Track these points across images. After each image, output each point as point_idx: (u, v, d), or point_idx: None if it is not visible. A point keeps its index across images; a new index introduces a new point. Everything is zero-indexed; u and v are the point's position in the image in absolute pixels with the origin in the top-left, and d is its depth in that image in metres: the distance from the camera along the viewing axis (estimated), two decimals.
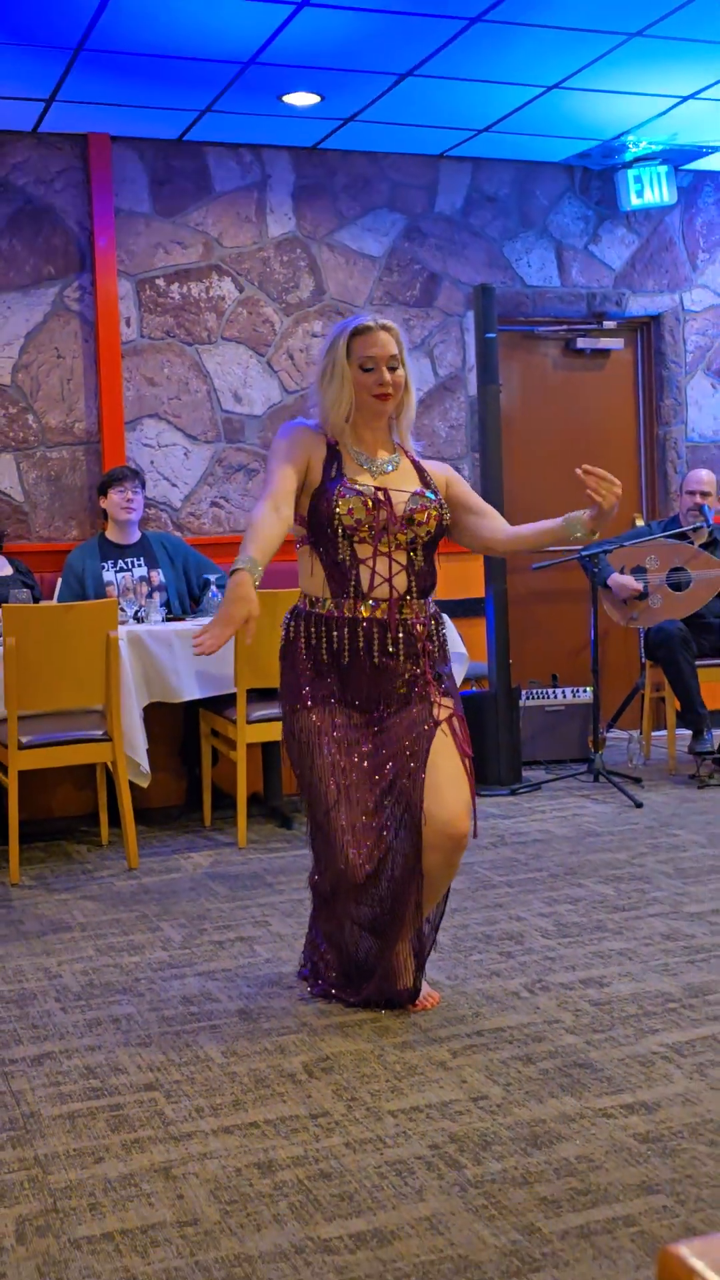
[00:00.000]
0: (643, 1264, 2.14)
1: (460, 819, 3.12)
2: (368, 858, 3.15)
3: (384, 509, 3.16)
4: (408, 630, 3.20)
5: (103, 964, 3.78)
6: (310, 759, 3.22)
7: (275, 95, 5.80)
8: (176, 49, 5.24)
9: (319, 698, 3.23)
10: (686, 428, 7.39)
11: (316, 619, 3.23)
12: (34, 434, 6.14)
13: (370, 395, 3.20)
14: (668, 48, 5.46)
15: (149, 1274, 2.16)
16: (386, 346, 3.19)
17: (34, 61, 5.28)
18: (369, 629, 3.18)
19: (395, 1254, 2.19)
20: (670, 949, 3.71)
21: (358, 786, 3.17)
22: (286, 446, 3.22)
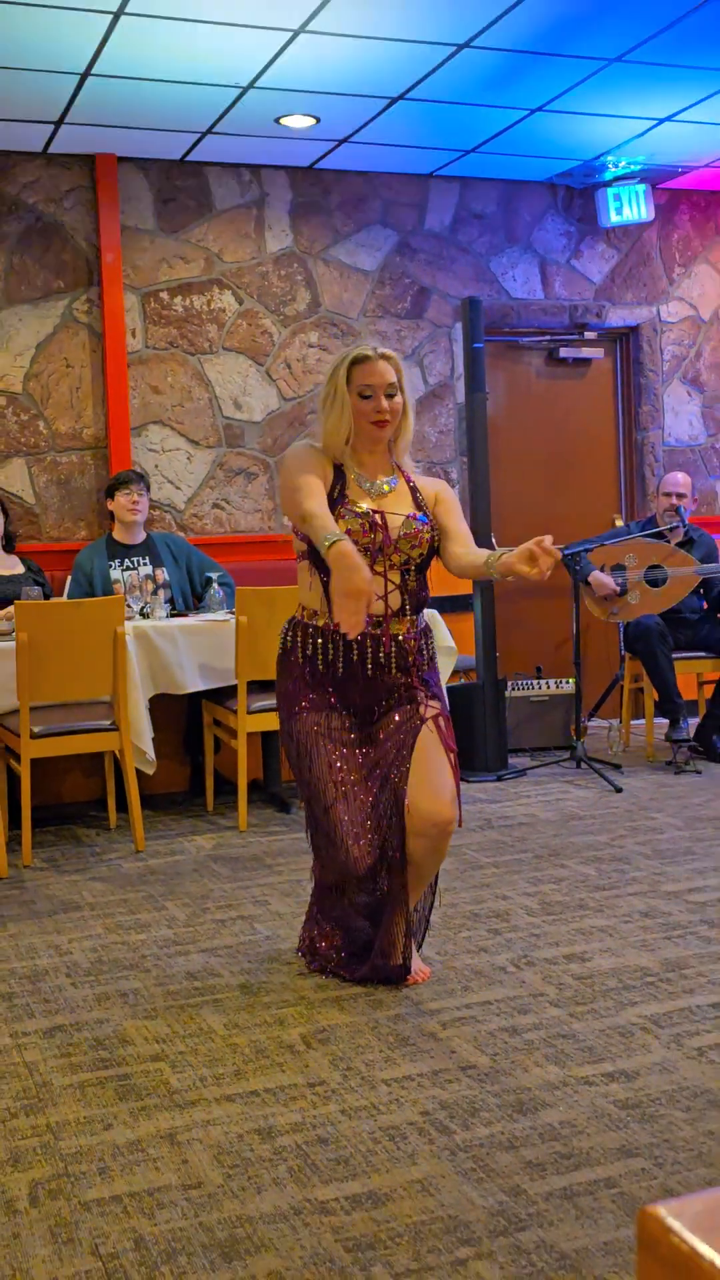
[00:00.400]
0: (623, 1223, 2.14)
1: (445, 807, 3.11)
2: (368, 850, 3.15)
3: (380, 531, 3.16)
4: (399, 645, 3.21)
5: (111, 941, 3.77)
6: (309, 760, 3.21)
7: (273, 118, 5.78)
8: (179, 74, 5.22)
9: (315, 703, 3.22)
10: (663, 433, 7.39)
11: (314, 630, 3.23)
12: (44, 439, 6.13)
13: (368, 422, 3.18)
14: (645, 73, 5.46)
15: (155, 1234, 2.16)
16: (385, 375, 3.18)
17: (44, 85, 5.26)
18: (362, 643, 3.18)
19: (389, 1214, 2.19)
20: (648, 926, 3.71)
21: (354, 784, 3.17)
22: (301, 463, 3.19)
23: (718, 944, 3.53)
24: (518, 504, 7.15)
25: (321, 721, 3.21)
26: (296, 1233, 2.15)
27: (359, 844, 3.14)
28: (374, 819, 3.16)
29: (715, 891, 4.03)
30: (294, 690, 3.26)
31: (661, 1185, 2.26)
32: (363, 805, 3.16)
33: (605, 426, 7.42)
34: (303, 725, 3.22)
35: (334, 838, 3.16)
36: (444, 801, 3.12)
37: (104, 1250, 2.12)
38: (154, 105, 5.54)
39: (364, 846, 3.14)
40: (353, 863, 3.15)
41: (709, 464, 7.50)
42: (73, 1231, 2.18)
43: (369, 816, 3.16)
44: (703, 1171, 2.29)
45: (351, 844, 3.14)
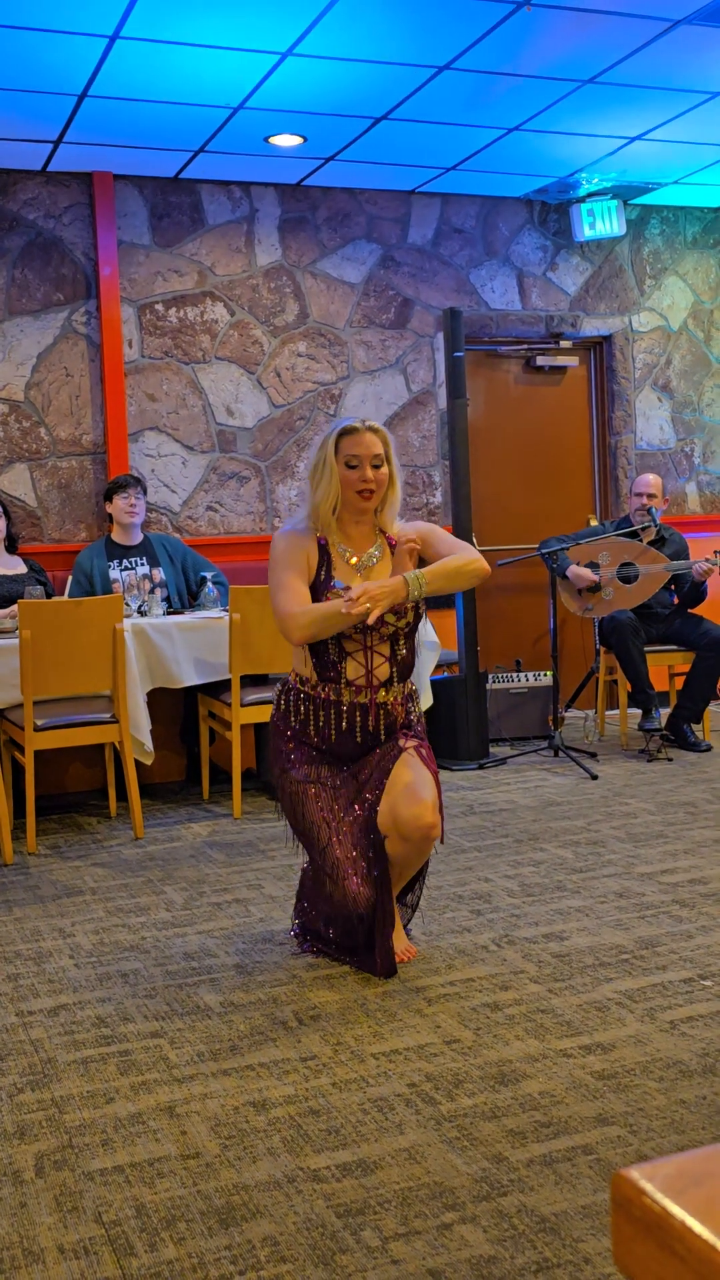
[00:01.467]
0: (599, 1188, 2.15)
1: (427, 812, 3.07)
2: (364, 881, 3.12)
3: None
4: (387, 712, 3.21)
5: (112, 924, 3.77)
6: (301, 808, 3.21)
7: (262, 137, 5.77)
8: (172, 95, 5.21)
9: (305, 757, 3.23)
10: (635, 437, 7.40)
11: (305, 697, 3.23)
12: (46, 445, 6.11)
13: (354, 492, 3.18)
14: (617, 93, 5.46)
15: (156, 1202, 2.16)
16: (371, 447, 3.18)
17: (43, 106, 5.24)
18: (351, 712, 3.19)
19: (377, 1182, 2.20)
20: (623, 906, 3.72)
21: (345, 822, 3.16)
22: (287, 555, 3.19)
23: (689, 923, 3.54)
24: (497, 505, 7.15)
25: (311, 772, 3.22)
26: (290, 1199, 2.15)
27: (355, 879, 3.12)
28: (362, 848, 3.14)
29: (686, 873, 4.04)
30: (285, 751, 3.27)
31: (636, 1151, 2.27)
32: (354, 839, 3.14)
33: (580, 431, 7.44)
34: (294, 779, 3.23)
35: (335, 876, 3.14)
36: (425, 805, 3.08)
37: (106, 1218, 2.12)
38: (148, 125, 5.53)
39: (361, 881, 3.12)
40: (352, 900, 3.12)
41: (679, 466, 7.52)
42: (77, 1200, 2.18)
43: (360, 851, 3.14)
44: (675, 1138, 2.30)
45: (352, 881, 3.12)
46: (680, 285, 7.48)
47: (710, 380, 7.59)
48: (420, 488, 6.86)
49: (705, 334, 7.57)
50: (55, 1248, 2.04)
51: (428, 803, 3.08)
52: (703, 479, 7.59)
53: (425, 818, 3.07)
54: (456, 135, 5.90)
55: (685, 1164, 0.72)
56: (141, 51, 4.76)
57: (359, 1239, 2.02)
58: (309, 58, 4.90)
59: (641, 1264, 0.69)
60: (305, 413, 6.58)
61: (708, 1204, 0.68)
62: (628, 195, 7.04)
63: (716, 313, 7.60)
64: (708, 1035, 2.76)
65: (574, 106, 5.59)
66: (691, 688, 6.13)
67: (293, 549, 3.20)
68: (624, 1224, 0.70)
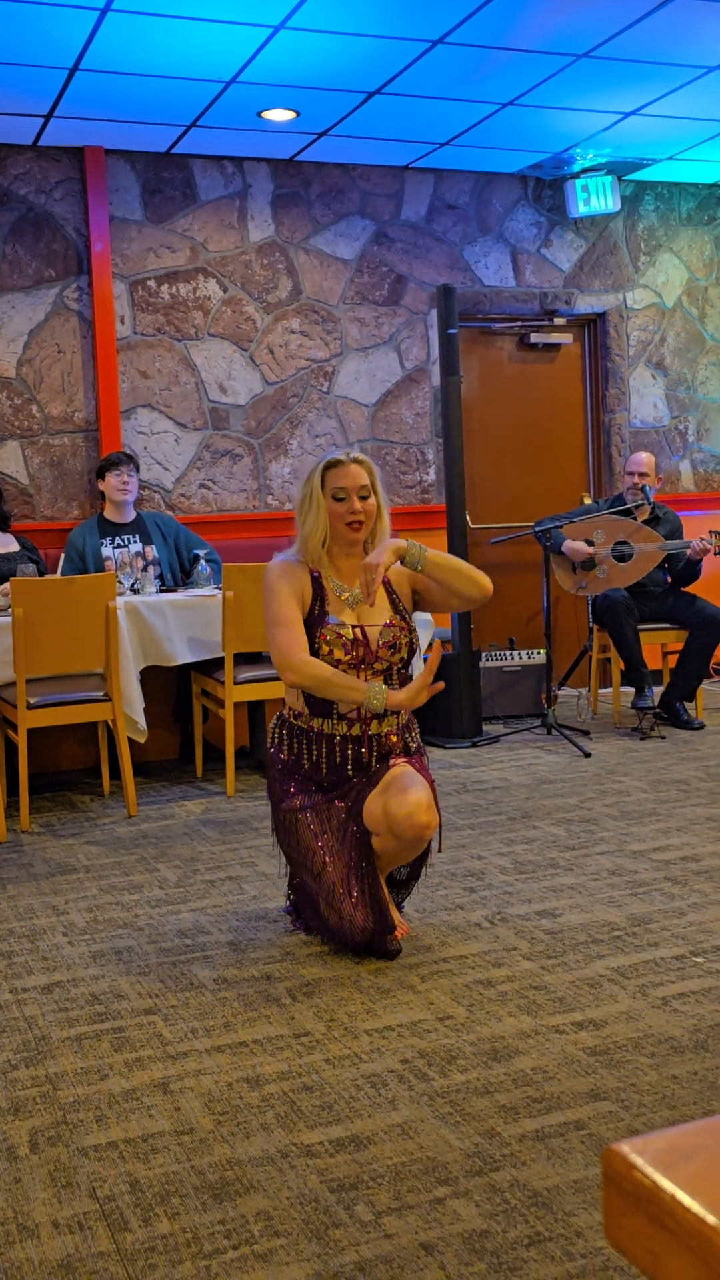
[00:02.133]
0: (591, 1163, 2.16)
1: (420, 811, 3.02)
2: (360, 902, 3.10)
3: (361, 646, 3.16)
4: (381, 743, 3.20)
5: (106, 902, 3.78)
6: (295, 835, 3.20)
7: (254, 111, 5.73)
8: (164, 69, 5.17)
9: (299, 787, 3.22)
10: (629, 415, 7.39)
11: (298, 731, 3.23)
12: (38, 423, 6.09)
13: (343, 524, 3.17)
14: (612, 68, 5.43)
15: (150, 1178, 2.17)
16: (357, 478, 3.17)
17: (34, 80, 5.20)
18: (344, 745, 3.18)
19: (370, 1157, 2.21)
20: (615, 883, 3.74)
21: (339, 844, 3.14)
22: (282, 585, 3.19)
23: (681, 900, 3.55)
24: (490, 483, 7.14)
25: (305, 799, 3.20)
26: (283, 1174, 2.16)
27: (350, 904, 3.09)
28: (356, 870, 3.12)
29: (679, 850, 4.05)
30: (280, 783, 3.26)
31: (628, 1127, 2.28)
32: (349, 861, 3.12)
33: (574, 409, 7.42)
34: (288, 808, 3.22)
35: (331, 902, 3.12)
36: (419, 804, 3.02)
37: (101, 1193, 2.13)
38: (140, 99, 5.49)
39: (356, 906, 3.10)
40: (349, 927, 3.10)
41: (672, 445, 7.51)
42: (71, 1176, 2.19)
43: (355, 872, 3.12)
44: (666, 1113, 2.32)
45: (350, 908, 3.09)
46: (675, 262, 7.46)
47: (705, 358, 7.57)
48: (414, 466, 6.85)
49: (700, 311, 7.55)
50: (50, 1223, 2.04)
51: (421, 802, 3.03)
52: (696, 457, 7.59)
53: (418, 816, 3.02)
54: (450, 110, 5.86)
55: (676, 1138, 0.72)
56: (133, 24, 4.72)
57: (352, 1213, 2.03)
58: (302, 31, 4.86)
59: (632, 1238, 0.69)
60: (298, 390, 6.56)
61: (698, 1178, 0.68)
62: (622, 171, 7.00)
63: (711, 290, 7.57)
64: (699, 1011, 2.77)
65: (569, 81, 5.56)
66: (685, 666, 6.14)
67: (289, 578, 3.20)
68: (615, 1198, 0.71)
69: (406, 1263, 1.89)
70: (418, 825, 3.03)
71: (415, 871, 3.33)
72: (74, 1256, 1.95)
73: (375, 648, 3.17)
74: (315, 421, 6.60)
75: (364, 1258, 1.91)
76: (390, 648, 3.18)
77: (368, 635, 3.17)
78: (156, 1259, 1.93)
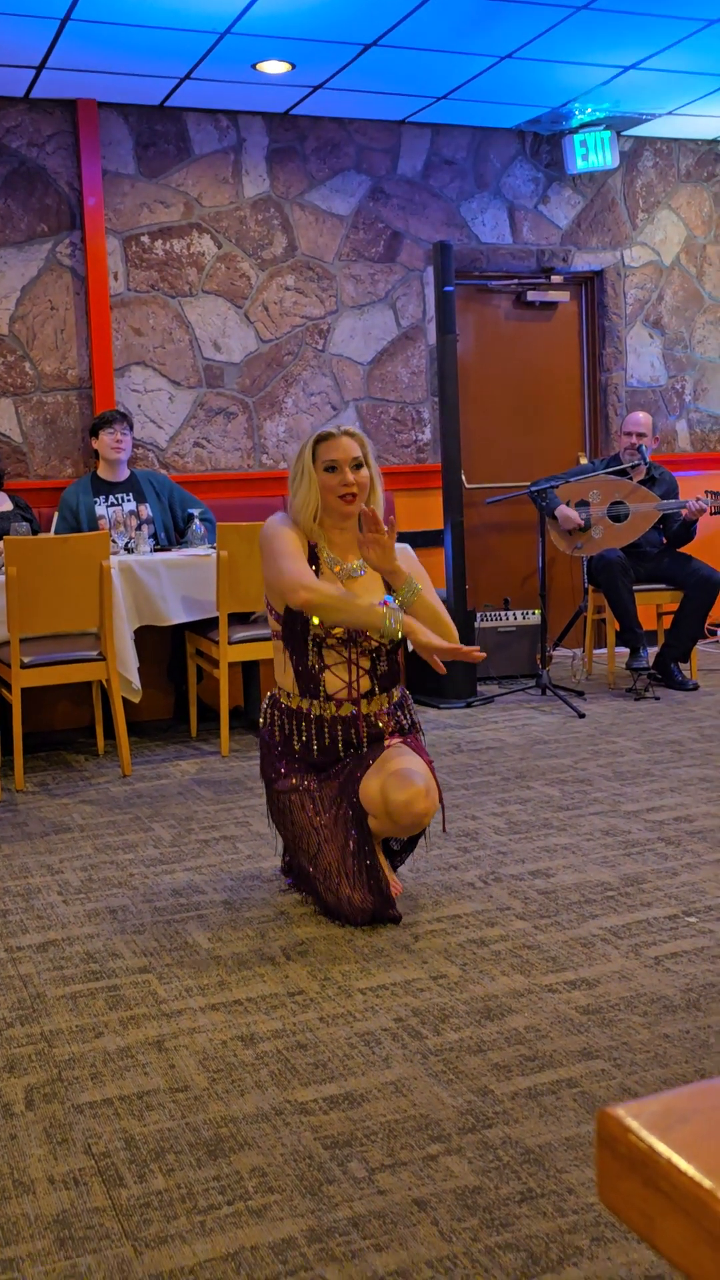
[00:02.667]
0: (583, 1120, 2.17)
1: (419, 800, 3.00)
2: (358, 882, 3.09)
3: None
4: (370, 724, 3.18)
5: (100, 861, 3.78)
6: (290, 816, 3.20)
7: (249, 64, 5.65)
8: (157, 20, 5.08)
9: (291, 769, 3.21)
10: (626, 374, 7.34)
11: (289, 711, 3.21)
12: (31, 380, 6.04)
13: (336, 496, 3.14)
14: (612, 20, 5.34)
15: (145, 1134, 2.19)
16: (349, 450, 3.14)
17: (25, 31, 5.11)
18: (333, 726, 3.16)
19: (364, 1114, 2.22)
20: (609, 843, 3.75)
21: (333, 824, 3.13)
22: (285, 529, 3.16)
23: (674, 860, 3.57)
24: (486, 442, 7.11)
25: (299, 780, 3.19)
26: (278, 1131, 2.18)
27: (355, 886, 3.09)
28: (351, 847, 3.11)
29: (672, 810, 4.06)
30: (273, 762, 3.25)
31: (620, 1085, 2.30)
32: (343, 844, 3.11)
33: (570, 368, 7.37)
34: (281, 790, 3.21)
35: (328, 883, 3.11)
36: (417, 791, 3.00)
37: (96, 1150, 2.14)
38: (133, 50, 5.40)
39: (353, 888, 3.09)
40: (347, 908, 3.09)
41: (669, 404, 7.47)
42: (66, 1132, 2.20)
43: (351, 853, 3.11)
44: (658, 1072, 2.33)
45: (350, 890, 3.09)
46: (673, 219, 7.39)
47: (702, 316, 7.51)
48: (409, 424, 6.81)
49: (698, 269, 7.48)
50: (45, 1179, 2.06)
51: (419, 789, 3.01)
52: (693, 417, 7.55)
53: (416, 805, 3.00)
54: (447, 63, 5.78)
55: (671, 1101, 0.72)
56: None
57: (346, 1170, 2.04)
58: None
59: (627, 1200, 0.69)
60: (293, 348, 6.51)
61: (693, 1141, 0.68)
62: (621, 126, 6.92)
63: (709, 248, 7.51)
64: (691, 970, 2.79)
65: (568, 33, 5.47)
66: (679, 627, 6.13)
67: (291, 533, 3.16)
68: (610, 1161, 0.70)
69: (399, 1218, 1.91)
70: (416, 814, 3.02)
71: (411, 843, 3.33)
72: (69, 1212, 1.96)
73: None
74: (310, 380, 6.55)
75: (357, 1214, 1.92)
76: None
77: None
78: (151, 1214, 1.94)
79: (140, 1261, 1.83)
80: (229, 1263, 1.82)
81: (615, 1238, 1.84)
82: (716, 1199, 0.63)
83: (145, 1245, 1.87)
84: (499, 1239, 1.85)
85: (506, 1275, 1.76)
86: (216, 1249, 1.85)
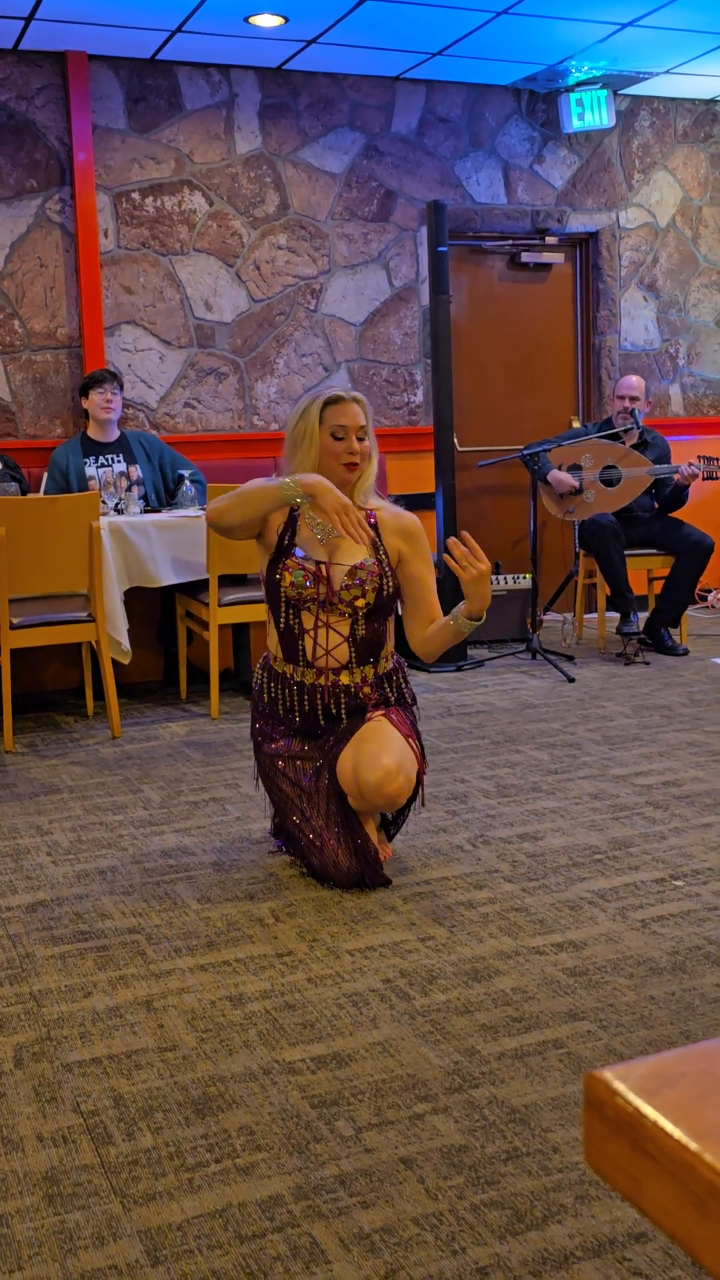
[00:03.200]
0: (569, 1080, 2.19)
1: (390, 780, 2.99)
2: (343, 849, 3.09)
3: (322, 583, 3.08)
4: (350, 695, 3.14)
5: (89, 822, 3.79)
6: (274, 781, 3.20)
7: (241, 16, 5.56)
8: None
9: (279, 731, 3.21)
10: (620, 337, 7.30)
11: (274, 674, 3.20)
12: (20, 338, 5.98)
13: (339, 463, 3.10)
14: None
15: (133, 1093, 2.20)
16: (357, 418, 3.10)
17: None
18: (313, 694, 3.14)
19: (351, 1074, 2.24)
20: (597, 807, 3.76)
21: (319, 792, 3.13)
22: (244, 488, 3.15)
23: (662, 824, 3.58)
24: (478, 405, 7.07)
25: (282, 747, 3.19)
26: (265, 1090, 2.19)
27: (332, 845, 3.09)
28: (337, 815, 3.12)
29: (660, 775, 4.08)
30: (261, 723, 3.25)
31: (605, 1046, 2.32)
32: (328, 811, 3.11)
33: (564, 330, 7.33)
34: (268, 754, 3.21)
35: (313, 847, 3.12)
36: (387, 771, 2.98)
37: (85, 1108, 2.16)
38: (123, 1, 5.31)
39: (338, 849, 3.09)
40: (334, 871, 3.09)
41: (663, 368, 7.44)
42: (55, 1091, 2.22)
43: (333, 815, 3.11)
44: (643, 1033, 2.35)
45: (327, 851, 3.09)
46: (669, 180, 7.32)
47: (697, 280, 7.47)
48: (401, 387, 6.77)
49: (693, 231, 7.43)
50: (34, 1136, 2.07)
51: (390, 768, 2.99)
52: (686, 381, 7.52)
53: (387, 786, 2.99)
54: (443, 18, 5.70)
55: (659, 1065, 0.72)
56: None
57: (333, 1129, 2.06)
58: None
59: (613, 1163, 0.69)
60: (285, 308, 6.46)
61: (681, 1105, 0.68)
62: (618, 85, 6.84)
63: (705, 210, 7.45)
64: (678, 934, 2.80)
65: None
66: (670, 592, 6.13)
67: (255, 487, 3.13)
68: (597, 1124, 0.71)
69: (386, 1176, 1.92)
70: (388, 795, 3.01)
71: (403, 812, 3.33)
72: (58, 1169, 1.97)
73: (337, 587, 3.09)
74: (302, 340, 6.50)
75: (344, 1171, 1.94)
76: (352, 592, 3.09)
77: (331, 574, 3.10)
78: (140, 1171, 1.96)
79: (128, 1218, 1.84)
80: (216, 1219, 1.83)
81: (599, 1196, 1.86)
82: (703, 1162, 0.63)
83: (133, 1202, 1.88)
84: (484, 1197, 1.86)
85: (491, 1232, 1.78)
86: (204, 1206, 1.86)
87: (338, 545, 3.14)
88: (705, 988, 2.53)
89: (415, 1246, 1.76)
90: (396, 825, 3.36)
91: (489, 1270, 1.70)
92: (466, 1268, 1.71)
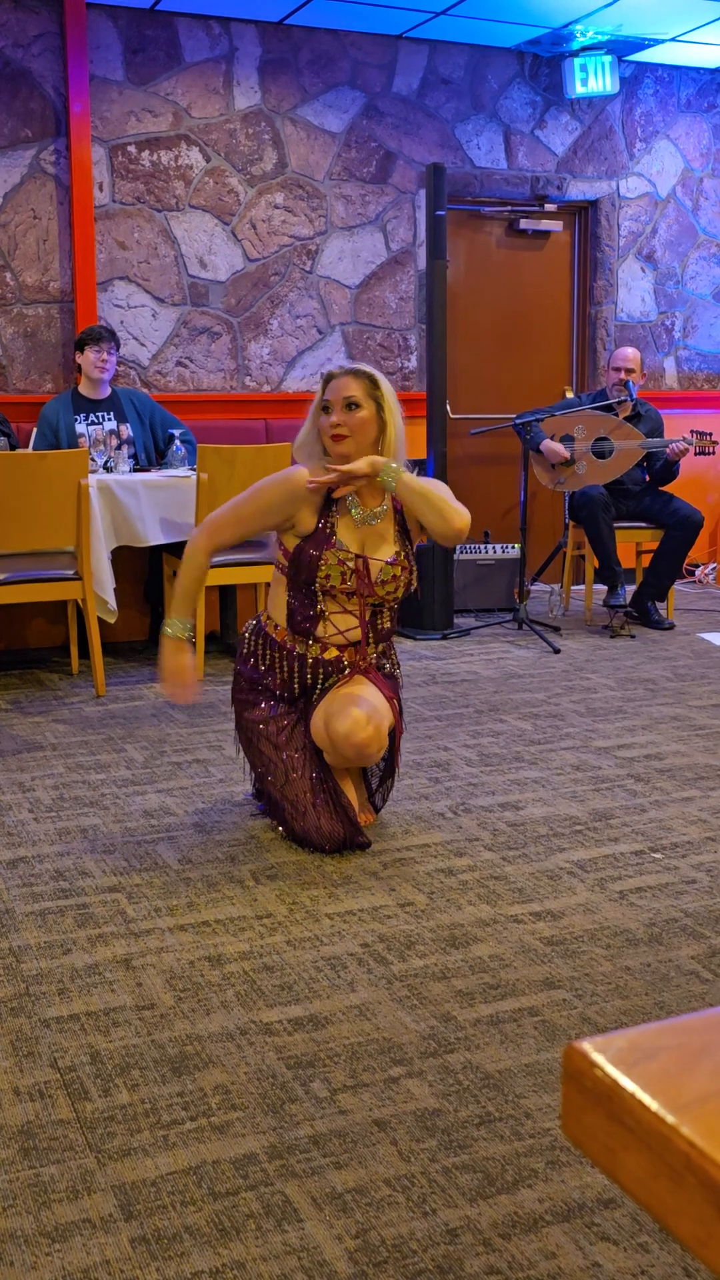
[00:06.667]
0: (543, 1048, 2.21)
1: (359, 729, 2.99)
2: (325, 813, 3.11)
3: (359, 577, 3.08)
4: (352, 669, 3.16)
5: (72, 780, 3.79)
6: (256, 745, 3.20)
7: None
8: None
9: (264, 695, 3.20)
10: (616, 308, 7.27)
11: (272, 642, 3.18)
12: (11, 291, 5.93)
13: (327, 436, 3.08)
14: None
15: (111, 1050, 2.21)
16: (345, 389, 3.06)
17: None
18: (315, 668, 3.14)
19: (328, 1036, 2.26)
20: (579, 779, 3.78)
21: (300, 757, 3.14)
22: (268, 489, 3.10)
23: (643, 797, 3.60)
24: (472, 372, 7.04)
25: (266, 709, 3.19)
26: (242, 1050, 2.21)
27: (315, 810, 3.10)
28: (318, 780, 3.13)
29: (643, 748, 4.10)
30: (245, 688, 3.24)
31: (580, 1015, 2.34)
32: (311, 776, 3.12)
33: (560, 299, 7.29)
34: (250, 718, 3.21)
35: (295, 811, 3.13)
36: (357, 719, 2.99)
37: (62, 1064, 2.17)
38: None
39: (322, 813, 3.10)
40: (315, 835, 3.10)
41: (658, 340, 7.41)
42: (33, 1046, 2.23)
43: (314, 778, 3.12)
44: (619, 1003, 2.37)
45: (309, 815, 3.10)
46: (671, 150, 7.27)
47: (695, 252, 7.43)
48: (395, 351, 6.73)
49: (693, 203, 7.39)
50: (11, 1090, 2.08)
51: (359, 717, 3.00)
52: (681, 354, 7.50)
53: (356, 735, 3.00)
54: None
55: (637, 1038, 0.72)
56: None
57: (308, 1090, 2.08)
58: None
59: (591, 1134, 0.70)
60: (280, 268, 6.41)
61: (658, 1077, 0.68)
62: (622, 51, 6.78)
63: (706, 181, 7.41)
64: (655, 905, 2.82)
65: None
66: (658, 565, 6.14)
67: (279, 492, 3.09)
68: (575, 1095, 0.71)
69: (359, 1138, 1.94)
70: (357, 744, 3.01)
71: (389, 768, 3.35)
72: (34, 1123, 1.99)
73: (375, 580, 3.12)
74: (296, 301, 6.46)
75: (318, 1132, 1.96)
76: (387, 586, 3.14)
77: (369, 568, 3.11)
78: (115, 1128, 1.97)
79: (103, 1173, 1.86)
80: (190, 1176, 1.85)
81: (570, 1161, 1.88)
82: (679, 1134, 0.64)
83: (108, 1157, 1.89)
84: (456, 1160, 1.88)
85: (463, 1195, 1.80)
86: (178, 1163, 1.88)
87: (370, 531, 3.14)
88: (680, 959, 2.55)
89: (387, 1207, 1.78)
90: (383, 796, 3.37)
91: (459, 1232, 1.72)
92: (437, 1229, 1.73)
